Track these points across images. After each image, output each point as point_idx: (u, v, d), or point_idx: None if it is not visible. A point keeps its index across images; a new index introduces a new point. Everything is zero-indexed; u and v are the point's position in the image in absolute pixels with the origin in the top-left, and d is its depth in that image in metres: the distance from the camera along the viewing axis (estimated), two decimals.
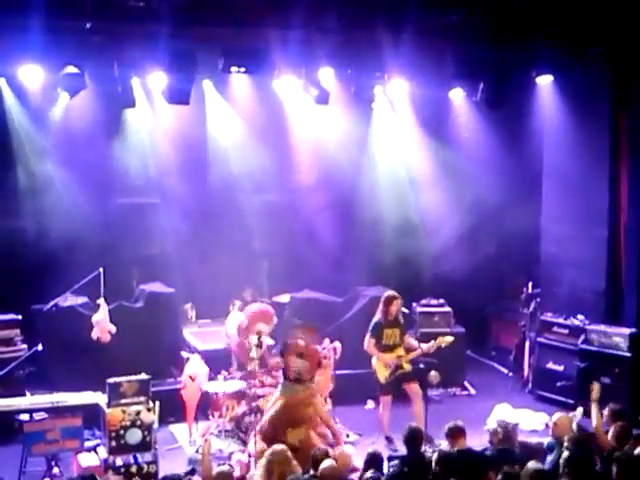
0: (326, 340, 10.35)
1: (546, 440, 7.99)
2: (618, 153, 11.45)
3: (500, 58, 10.73)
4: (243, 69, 10.18)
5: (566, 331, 11.60)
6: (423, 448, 7.68)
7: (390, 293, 10.14)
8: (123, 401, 8.64)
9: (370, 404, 11.33)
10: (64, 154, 11.73)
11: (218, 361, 10.78)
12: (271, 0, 9.70)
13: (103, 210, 12.21)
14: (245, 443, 9.62)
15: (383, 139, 13.33)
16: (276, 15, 9.62)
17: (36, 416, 8.70)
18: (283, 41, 9.86)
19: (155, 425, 8.77)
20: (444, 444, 7.82)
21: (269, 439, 8.44)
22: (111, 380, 8.70)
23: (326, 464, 6.91)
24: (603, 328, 11.18)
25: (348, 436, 10.05)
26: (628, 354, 10.82)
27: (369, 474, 6.90)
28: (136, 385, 8.72)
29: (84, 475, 7.74)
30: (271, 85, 11.37)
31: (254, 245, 13.37)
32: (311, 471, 7.03)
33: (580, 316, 11.54)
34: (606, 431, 7.69)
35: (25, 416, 8.73)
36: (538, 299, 12.40)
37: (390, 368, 9.87)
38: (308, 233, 13.09)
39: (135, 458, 8.54)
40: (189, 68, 9.84)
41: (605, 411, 8.03)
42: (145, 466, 8.53)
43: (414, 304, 12.20)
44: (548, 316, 11.93)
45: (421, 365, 9.90)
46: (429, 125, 13.01)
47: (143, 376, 8.86)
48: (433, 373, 9.96)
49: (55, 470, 8.50)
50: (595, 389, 8.13)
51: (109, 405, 8.64)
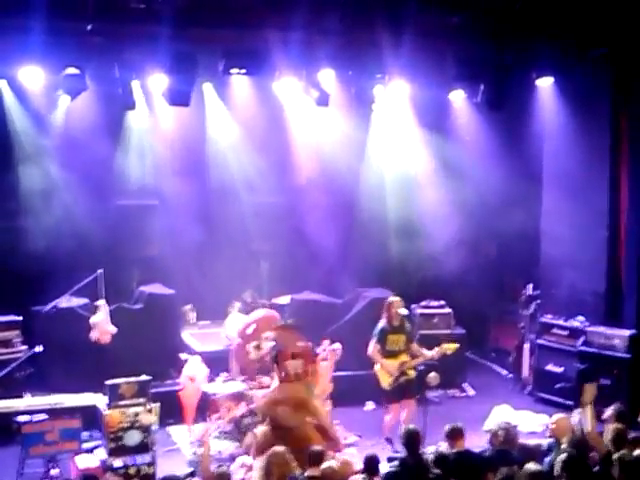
0: (326, 341, 10.34)
1: (545, 442, 7.98)
2: (618, 155, 11.45)
3: (501, 60, 10.74)
4: (244, 71, 10.18)
5: (566, 333, 11.60)
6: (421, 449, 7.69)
7: (390, 298, 10.13)
8: (122, 403, 8.64)
9: (369, 405, 11.33)
10: (64, 155, 11.75)
11: (217, 363, 10.77)
12: (272, 2, 9.70)
13: (103, 212, 12.22)
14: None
15: (384, 141, 13.32)
16: (277, 17, 9.62)
17: (35, 417, 8.68)
18: (284, 43, 9.87)
19: (154, 427, 8.77)
20: (443, 445, 7.82)
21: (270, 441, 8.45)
22: (110, 382, 8.70)
23: (328, 464, 6.90)
24: (603, 330, 11.18)
25: (346, 438, 10.04)
26: (627, 356, 10.82)
27: (365, 477, 6.91)
28: (135, 387, 8.72)
29: (87, 475, 7.78)
30: (271, 87, 11.37)
31: (254, 246, 13.38)
32: (307, 471, 7.03)
33: (580, 318, 11.55)
34: (600, 433, 7.69)
35: (24, 417, 8.70)
36: (538, 301, 12.41)
37: (394, 375, 9.87)
38: (308, 234, 13.08)
39: (134, 460, 8.54)
40: (190, 70, 9.84)
41: (609, 411, 8.02)
42: (144, 467, 8.54)
43: (414, 306, 12.19)
44: (548, 318, 11.93)
45: (421, 367, 9.90)
46: (430, 126, 13.01)
47: (142, 378, 8.86)
48: (432, 374, 9.94)
49: (53, 472, 8.48)
50: (588, 391, 8.11)
51: (108, 406, 8.64)
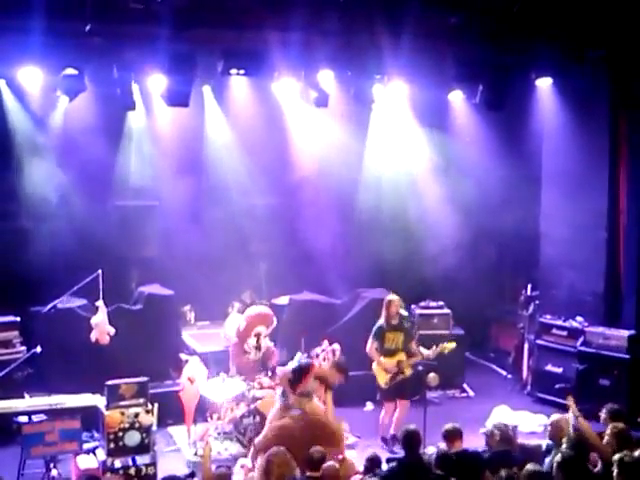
0: (325, 342, 10.35)
1: (544, 442, 7.98)
2: (617, 155, 11.46)
3: (500, 60, 10.75)
4: (243, 71, 10.16)
5: (565, 333, 11.61)
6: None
7: (389, 296, 10.13)
8: (122, 403, 8.63)
9: (369, 406, 11.34)
10: (63, 156, 11.74)
11: (217, 363, 10.77)
12: (271, 2, 9.69)
13: (102, 212, 12.22)
14: (243, 445, 9.63)
15: (383, 141, 13.32)
16: (276, 17, 9.62)
17: (35, 418, 8.69)
18: (283, 43, 9.86)
19: (154, 427, 8.77)
20: (443, 446, 7.82)
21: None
22: (110, 382, 8.70)
23: (329, 464, 6.90)
24: (602, 330, 11.19)
25: (347, 438, 10.04)
26: (627, 356, 10.83)
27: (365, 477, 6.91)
28: (135, 387, 8.72)
29: (88, 476, 7.79)
30: (270, 88, 11.38)
31: (253, 247, 13.37)
32: (308, 472, 7.03)
33: (579, 318, 11.55)
34: (601, 433, 7.69)
35: (24, 418, 8.71)
36: (537, 301, 12.41)
37: (390, 373, 9.87)
38: (307, 235, 13.08)
39: (134, 460, 8.54)
40: (188, 70, 9.83)
41: (603, 412, 8.03)
42: (143, 468, 8.54)
43: (413, 306, 12.20)
44: (547, 318, 11.93)
45: (420, 367, 9.90)
46: (429, 127, 13.03)
47: (142, 378, 8.86)
48: (432, 375, 9.96)
49: (54, 472, 8.48)
50: (571, 404, 8.12)
51: (108, 407, 8.64)
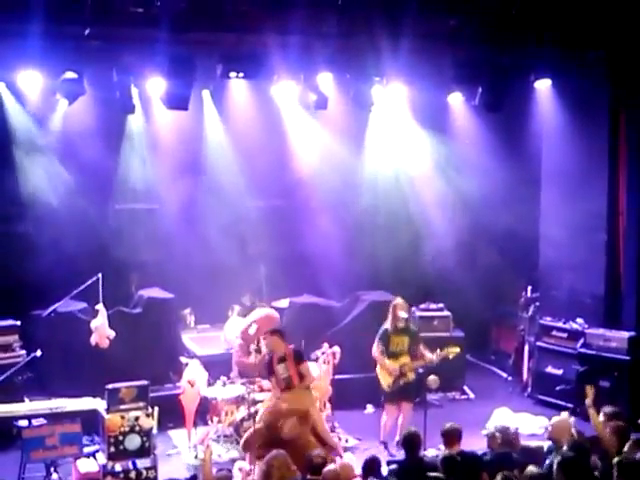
0: (325, 345, 10.35)
1: (546, 444, 7.97)
2: (617, 157, 11.46)
3: (499, 62, 10.74)
4: (242, 75, 10.16)
5: (565, 335, 11.61)
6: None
7: (395, 300, 10.13)
8: (122, 407, 8.64)
9: (369, 409, 11.33)
10: (63, 160, 11.75)
11: (217, 366, 10.77)
12: (270, 6, 9.68)
13: (102, 216, 12.23)
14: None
15: (382, 143, 13.33)
16: (275, 20, 9.61)
17: (35, 422, 8.69)
18: (282, 46, 9.86)
19: (154, 431, 8.76)
20: (442, 448, 7.81)
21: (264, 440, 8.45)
22: (110, 386, 8.70)
23: (330, 468, 6.90)
24: (602, 332, 11.18)
25: (347, 441, 10.04)
26: (627, 357, 10.82)
27: None
28: (135, 391, 8.72)
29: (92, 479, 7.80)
30: (269, 91, 11.38)
31: (252, 250, 13.37)
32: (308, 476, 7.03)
33: (579, 320, 11.55)
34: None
35: (24, 422, 8.72)
36: (537, 303, 12.40)
37: (393, 376, 9.86)
38: (307, 238, 13.10)
39: (134, 464, 8.54)
40: (188, 74, 9.82)
41: (601, 414, 8.04)
42: (144, 472, 8.54)
43: (413, 308, 12.18)
44: (547, 320, 11.93)
45: (420, 370, 9.91)
46: (428, 129, 13.03)
47: (142, 382, 8.85)
48: (432, 377, 9.95)
49: (54, 476, 8.49)
50: (589, 393, 8.13)
51: (108, 411, 8.64)
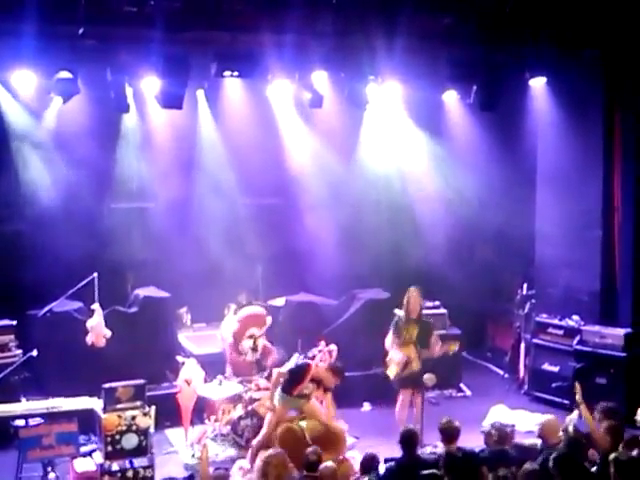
0: (322, 343, 10.35)
1: (539, 441, 7.99)
2: (612, 154, 11.49)
3: (493, 60, 10.74)
4: (236, 73, 10.13)
5: (561, 332, 11.63)
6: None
7: (409, 290, 10.16)
8: (119, 406, 8.62)
9: (366, 406, 11.35)
10: (57, 159, 11.71)
11: (214, 365, 10.77)
12: (264, 4, 9.67)
13: (97, 215, 12.20)
14: (241, 447, 9.63)
15: (377, 142, 13.33)
16: (269, 19, 9.60)
17: (31, 422, 8.69)
18: (277, 45, 9.85)
19: (151, 430, 8.76)
20: (440, 446, 7.83)
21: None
22: (106, 385, 8.68)
23: (327, 464, 6.91)
24: (598, 329, 11.21)
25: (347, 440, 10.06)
26: (623, 354, 10.85)
27: (367, 478, 6.91)
28: (131, 390, 8.71)
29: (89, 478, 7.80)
30: (264, 90, 11.37)
31: (248, 249, 13.34)
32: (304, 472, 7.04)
33: (575, 317, 11.57)
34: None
35: (20, 422, 8.71)
36: (533, 300, 12.42)
37: (399, 366, 9.91)
38: (302, 236, 13.09)
39: (131, 463, 8.53)
40: (182, 73, 9.80)
41: (596, 411, 8.06)
42: (141, 471, 8.53)
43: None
44: (543, 317, 11.95)
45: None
46: (423, 127, 13.03)
47: (138, 381, 8.85)
48: (428, 375, 9.94)
49: (51, 475, 8.48)
50: (578, 390, 8.17)
51: (105, 410, 8.62)
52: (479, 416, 10.07)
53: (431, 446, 9.22)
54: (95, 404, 9.06)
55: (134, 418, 8.60)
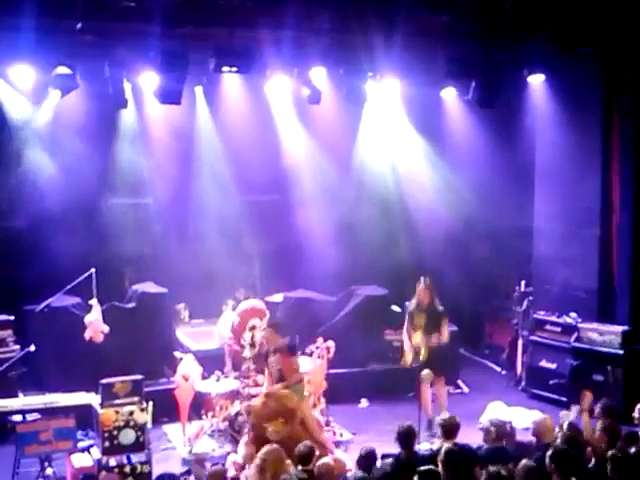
0: (319, 339, 10.36)
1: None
2: (610, 151, 11.48)
3: (492, 57, 10.74)
4: (235, 69, 10.13)
5: (559, 329, 11.64)
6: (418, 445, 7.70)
7: (421, 280, 10.39)
8: (116, 401, 8.62)
9: (364, 403, 11.36)
10: (55, 154, 11.70)
11: (211, 361, 10.77)
12: (263, 0, 9.69)
13: (95, 211, 12.20)
14: (238, 442, 9.62)
15: (375, 138, 13.33)
16: (268, 15, 9.61)
17: (29, 417, 8.69)
18: (275, 41, 9.85)
19: (148, 425, 8.76)
20: (437, 442, 7.83)
21: (256, 437, 8.46)
22: (104, 381, 8.68)
23: (323, 462, 6.90)
24: (596, 326, 11.22)
25: (342, 435, 10.06)
26: (620, 351, 10.85)
27: (360, 473, 6.90)
28: (129, 385, 8.71)
29: (85, 475, 7.79)
30: (263, 85, 11.37)
31: (246, 245, 13.37)
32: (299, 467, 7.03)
33: (573, 314, 11.57)
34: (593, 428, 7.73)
35: (18, 417, 8.72)
36: (531, 297, 12.43)
37: (411, 353, 10.10)
38: (301, 232, 13.10)
39: (129, 458, 8.52)
40: (180, 68, 9.79)
41: (597, 408, 8.08)
42: (139, 466, 8.52)
43: (407, 303, 12.17)
44: (541, 314, 11.96)
45: (414, 365, 9.95)
46: (421, 124, 13.03)
47: (136, 376, 8.85)
48: (426, 372, 9.97)
49: (48, 471, 8.47)
50: (587, 398, 8.19)
51: (102, 405, 8.62)
52: (476, 413, 10.08)
53: (428, 442, 9.24)
54: (93, 399, 9.05)
55: (131, 414, 8.60)
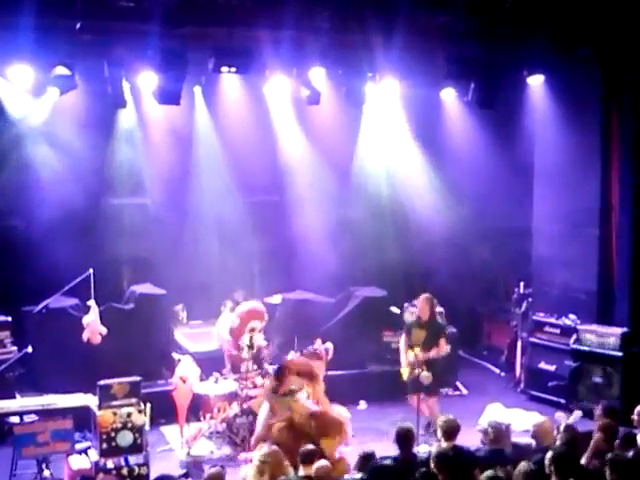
0: (318, 340, 10.33)
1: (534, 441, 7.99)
2: (609, 152, 11.48)
3: (491, 58, 10.73)
4: (234, 69, 10.11)
5: (558, 331, 11.62)
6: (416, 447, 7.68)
7: (422, 295, 10.28)
8: (114, 403, 8.59)
9: (362, 405, 11.33)
10: (53, 154, 11.67)
11: (210, 362, 10.75)
12: (262, 0, 9.67)
13: (93, 211, 12.16)
14: (236, 444, 9.61)
15: (374, 139, 13.31)
16: (267, 15, 9.59)
17: (26, 418, 8.68)
18: (274, 41, 9.84)
19: (146, 427, 8.73)
20: (435, 444, 7.80)
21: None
22: (102, 382, 8.66)
23: (321, 464, 6.88)
24: (595, 328, 11.20)
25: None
26: (619, 353, 10.84)
27: (359, 475, 6.88)
28: (127, 387, 8.68)
29: (83, 476, 7.76)
30: (262, 86, 11.35)
31: (245, 246, 13.33)
32: (300, 471, 7.01)
33: (572, 316, 11.56)
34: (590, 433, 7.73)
35: (15, 418, 8.70)
36: (530, 299, 12.43)
37: (408, 368, 9.95)
38: (299, 233, 13.07)
39: (126, 460, 8.49)
40: (179, 68, 9.77)
41: (597, 409, 8.07)
42: (136, 468, 8.49)
43: (406, 304, 12.17)
44: (540, 316, 11.95)
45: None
46: (420, 125, 13.01)
47: (134, 378, 8.82)
48: (425, 373, 9.92)
49: (46, 472, 8.45)
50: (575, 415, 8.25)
51: (100, 407, 8.59)
52: (475, 415, 10.05)
53: (427, 444, 9.22)
54: (90, 401, 9.03)
55: (129, 415, 8.57)
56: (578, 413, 8.92)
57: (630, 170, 11.21)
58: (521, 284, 12.66)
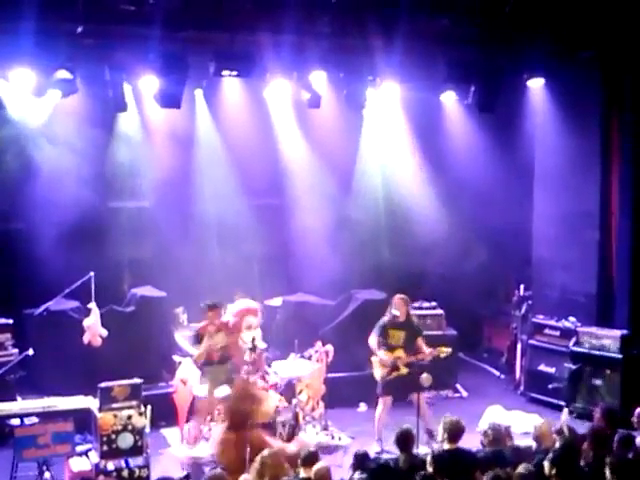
0: (318, 343, 10.35)
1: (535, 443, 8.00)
2: (609, 156, 11.50)
3: (491, 61, 10.75)
4: (235, 73, 10.13)
5: (557, 333, 11.63)
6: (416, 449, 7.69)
7: (396, 295, 10.16)
8: (114, 405, 8.61)
9: (362, 407, 11.34)
10: (55, 158, 11.67)
11: None
12: (263, 4, 9.68)
13: (94, 214, 12.16)
14: None
15: (375, 142, 13.33)
16: (268, 19, 9.61)
17: (27, 421, 8.64)
18: (275, 45, 9.85)
19: (147, 429, 8.75)
20: (435, 446, 7.82)
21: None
22: (102, 384, 8.68)
23: (320, 465, 6.90)
24: (594, 330, 11.22)
25: (340, 439, 10.05)
26: (619, 356, 10.85)
27: (357, 475, 6.89)
28: (127, 389, 8.70)
29: (83, 478, 7.77)
30: (263, 89, 11.37)
31: (245, 248, 13.34)
32: (301, 473, 7.03)
33: (571, 318, 11.58)
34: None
35: (16, 421, 8.68)
36: (530, 301, 12.44)
37: (386, 368, 9.87)
38: (300, 236, 13.09)
39: (127, 462, 8.50)
40: (181, 72, 9.79)
41: (596, 412, 8.08)
42: (137, 470, 8.50)
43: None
44: (540, 318, 11.96)
45: (414, 368, 9.92)
46: (421, 128, 13.03)
47: (134, 380, 8.84)
48: (425, 376, 9.93)
49: (46, 475, 8.43)
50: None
51: (100, 409, 8.61)
52: (475, 417, 10.07)
53: (427, 446, 9.23)
54: (91, 403, 9.05)
55: (130, 417, 8.59)
56: (565, 411, 8.93)
57: (630, 174, 11.23)
58: (521, 286, 12.67)
